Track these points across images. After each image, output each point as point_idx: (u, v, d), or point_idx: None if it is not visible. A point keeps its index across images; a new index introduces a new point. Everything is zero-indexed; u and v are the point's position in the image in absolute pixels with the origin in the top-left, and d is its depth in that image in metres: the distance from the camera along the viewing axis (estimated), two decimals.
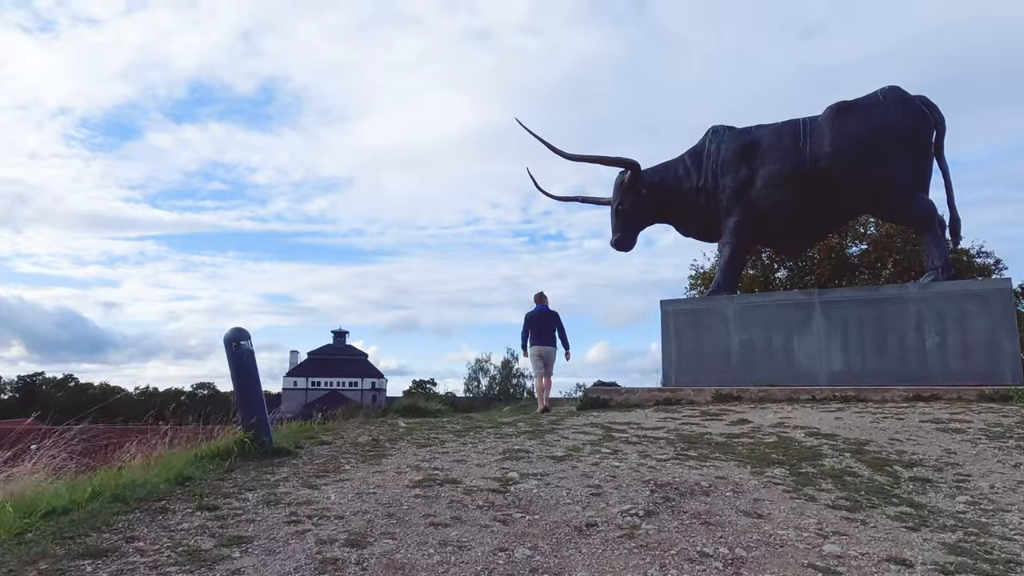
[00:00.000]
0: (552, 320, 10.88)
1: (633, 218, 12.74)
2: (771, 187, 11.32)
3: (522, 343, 11.01)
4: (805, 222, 11.58)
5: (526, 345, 10.88)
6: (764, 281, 17.61)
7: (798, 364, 10.32)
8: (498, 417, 8.32)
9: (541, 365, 10.71)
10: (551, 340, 10.76)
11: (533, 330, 10.81)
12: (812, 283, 16.54)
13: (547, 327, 10.79)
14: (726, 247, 11.87)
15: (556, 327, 10.87)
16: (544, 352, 10.71)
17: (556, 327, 10.87)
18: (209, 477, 3.81)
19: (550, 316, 10.91)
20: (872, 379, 9.75)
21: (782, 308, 10.66)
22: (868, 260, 16.86)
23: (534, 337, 10.76)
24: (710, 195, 12.06)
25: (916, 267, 16.46)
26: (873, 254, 16.68)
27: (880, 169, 10.45)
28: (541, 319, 10.85)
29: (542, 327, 10.77)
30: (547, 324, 10.81)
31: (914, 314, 9.74)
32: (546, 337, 10.74)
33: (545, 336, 10.74)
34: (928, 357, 9.55)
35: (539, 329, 10.77)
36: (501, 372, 72.40)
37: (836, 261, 16.88)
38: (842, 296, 10.37)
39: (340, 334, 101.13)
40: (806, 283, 16.78)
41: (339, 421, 6.71)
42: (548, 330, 10.77)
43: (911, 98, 10.65)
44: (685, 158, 12.64)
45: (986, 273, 18.16)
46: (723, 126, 12.51)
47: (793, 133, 11.34)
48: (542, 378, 10.77)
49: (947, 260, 10.14)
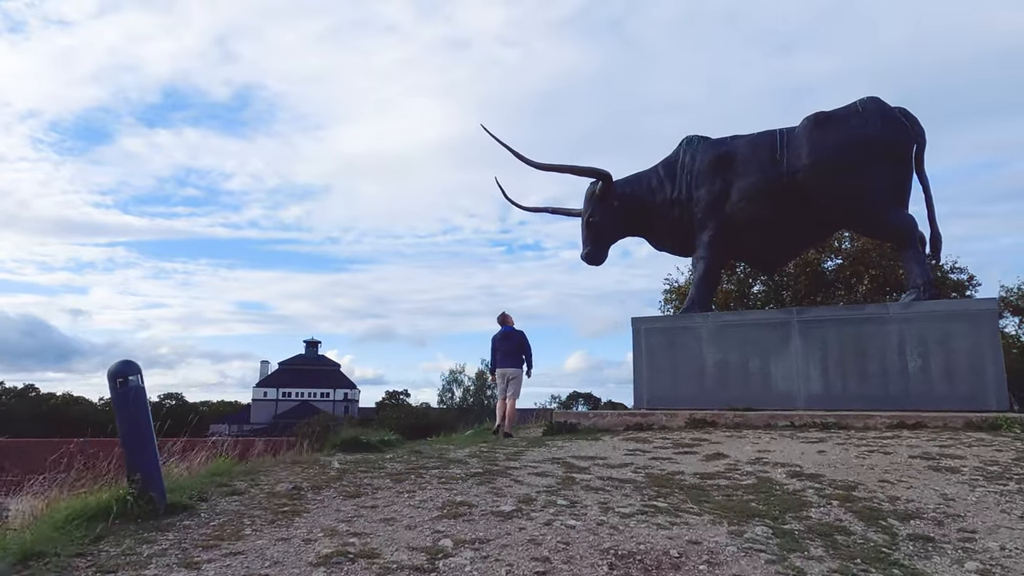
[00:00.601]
0: (515, 341, 10.53)
1: (604, 231, 12.19)
2: (747, 200, 10.85)
3: (490, 367, 10.84)
4: (782, 237, 11.11)
5: (494, 369, 10.65)
6: (740, 295, 17.18)
7: (775, 386, 9.79)
8: (454, 447, 7.62)
9: (504, 387, 10.40)
10: (514, 362, 10.44)
11: (499, 352, 10.56)
12: (788, 298, 16.15)
13: (511, 348, 10.49)
14: (700, 262, 11.35)
15: (520, 348, 10.50)
16: (506, 374, 10.40)
17: (520, 348, 10.50)
18: (65, 552, 3.07)
19: (514, 337, 10.57)
20: (852, 403, 9.26)
21: (758, 327, 10.14)
22: (844, 275, 16.51)
23: (499, 359, 10.54)
24: (684, 208, 11.55)
25: (892, 283, 16.16)
26: (849, 269, 16.33)
27: (859, 182, 10.02)
28: (504, 341, 10.58)
29: (506, 349, 10.50)
30: (511, 345, 10.50)
31: (896, 335, 9.27)
32: (509, 359, 10.45)
33: (508, 358, 10.45)
34: (910, 380, 9.08)
35: (503, 351, 10.51)
36: (475, 383, 71.39)
37: (812, 276, 16.51)
38: (821, 315, 9.88)
39: (312, 344, 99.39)
40: (782, 299, 16.40)
41: (268, 459, 5.97)
42: (511, 352, 10.47)
43: (891, 109, 10.24)
44: (659, 169, 12.14)
45: (960, 289, 17.94)
46: (698, 136, 12.03)
47: (770, 144, 10.89)
48: (505, 401, 10.37)
49: (929, 278, 9.71)
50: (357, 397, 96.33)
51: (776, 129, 11.08)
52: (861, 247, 16.22)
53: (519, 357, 10.47)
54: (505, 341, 10.56)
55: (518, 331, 10.70)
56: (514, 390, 10.35)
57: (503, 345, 10.56)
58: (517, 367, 10.41)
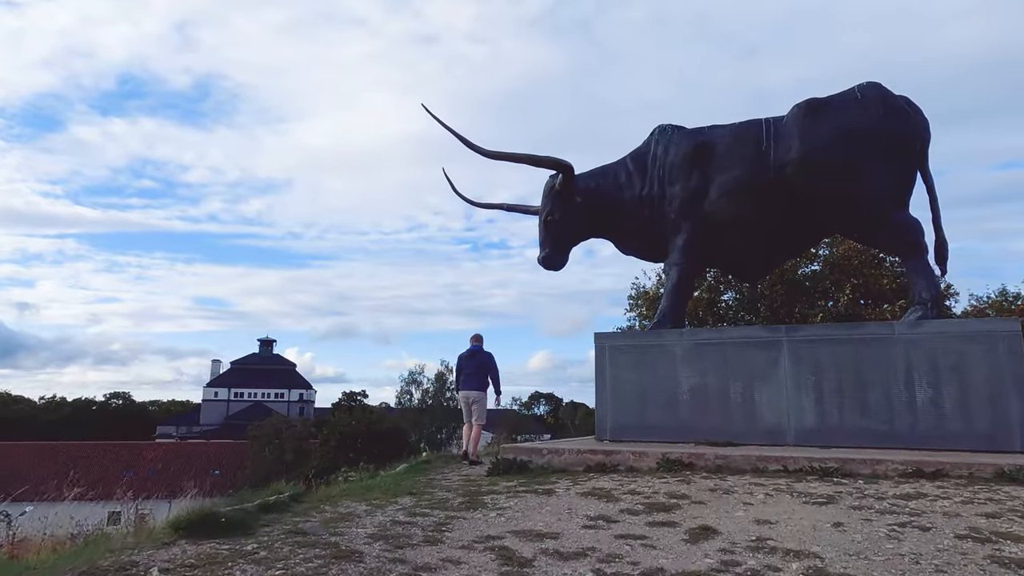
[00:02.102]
0: (482, 362, 9.97)
1: (565, 231, 10.63)
2: (728, 198, 9.41)
3: (455, 387, 10.34)
4: (767, 241, 9.70)
5: (457, 389, 10.17)
6: (710, 303, 15.79)
7: (761, 417, 8.35)
8: (364, 506, 5.94)
9: (467, 411, 9.92)
10: (477, 384, 9.91)
11: (463, 373, 10.08)
12: (763, 309, 14.83)
13: (475, 369, 9.96)
14: (674, 269, 9.87)
15: (485, 368, 9.94)
16: (469, 397, 9.89)
17: (485, 368, 9.94)
18: None
19: (481, 358, 10.01)
20: (851, 439, 7.88)
21: (742, 346, 8.68)
22: (823, 284, 15.25)
23: (462, 380, 10.06)
24: (656, 206, 10.07)
25: (875, 293, 14.99)
26: (829, 277, 15.08)
27: (857, 180, 8.65)
28: (469, 360, 10.04)
29: (470, 369, 9.99)
30: (475, 366, 9.97)
31: (902, 359, 7.90)
32: (473, 380, 9.93)
33: (472, 379, 9.94)
34: (919, 414, 7.71)
35: (467, 371, 10.01)
36: (435, 385, 69.37)
37: (789, 285, 15.23)
38: (815, 334, 8.46)
39: (267, 342, 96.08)
40: (757, 310, 15.05)
41: (46, 557, 4.20)
42: (476, 373, 9.93)
43: (894, 97, 8.89)
44: (627, 162, 10.63)
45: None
46: (671, 125, 10.56)
47: (754, 135, 9.47)
48: (471, 426, 9.94)
49: (938, 292, 8.38)
50: (313, 398, 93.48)
51: (762, 118, 9.67)
52: (842, 253, 15.02)
53: (483, 379, 9.92)
54: (470, 361, 10.05)
55: (485, 352, 10.11)
56: (478, 414, 9.84)
57: (468, 365, 10.04)
58: (481, 390, 9.90)
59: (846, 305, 14.17)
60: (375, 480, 8.31)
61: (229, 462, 63.76)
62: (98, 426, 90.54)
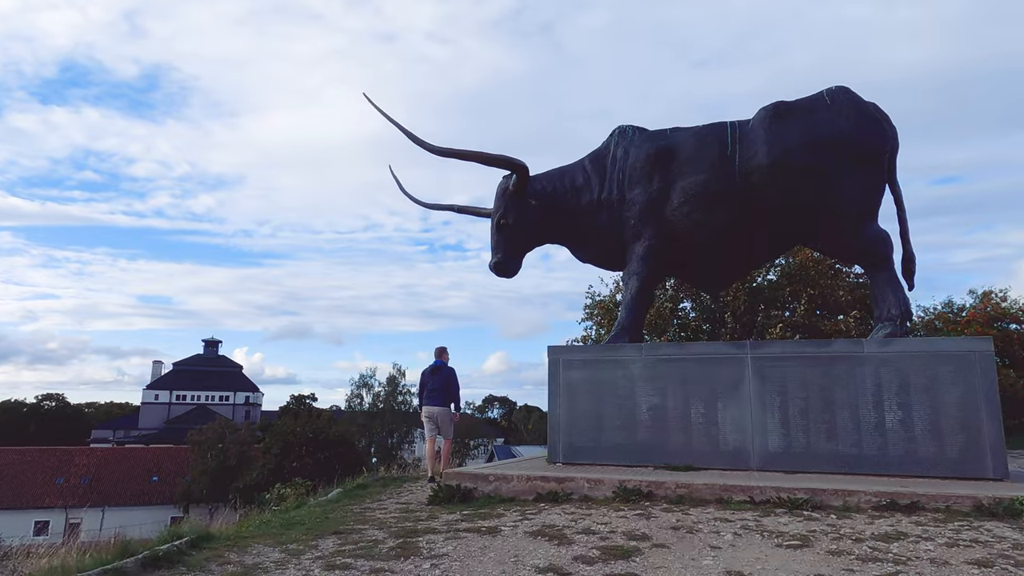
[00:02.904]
0: (445, 377, 9.87)
1: (518, 236, 9.93)
2: (691, 204, 8.87)
3: (418, 402, 10.06)
4: (731, 250, 9.18)
5: (421, 405, 9.91)
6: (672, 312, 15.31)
7: (724, 439, 7.80)
8: (277, 553, 5.11)
9: (432, 427, 9.81)
10: (441, 399, 9.77)
11: (426, 388, 9.92)
12: (728, 318, 14.40)
13: (439, 384, 9.83)
14: (633, 278, 9.27)
15: (447, 384, 9.84)
16: (433, 413, 9.75)
17: (447, 384, 9.84)
18: None
19: (444, 373, 9.90)
20: (817, 464, 7.39)
21: (704, 363, 8.13)
22: (781, 294, 14.93)
23: (426, 396, 9.88)
24: (615, 211, 9.47)
25: (831, 305, 14.76)
26: (787, 287, 14.76)
27: (827, 189, 8.21)
28: (433, 376, 9.90)
29: (433, 385, 9.86)
30: (439, 381, 9.84)
31: (871, 379, 7.45)
32: (436, 396, 9.79)
33: (435, 395, 9.79)
34: (889, 438, 7.27)
35: (431, 387, 9.87)
36: (387, 389, 67.92)
37: (750, 294, 14.85)
38: (781, 351, 7.95)
39: (212, 343, 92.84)
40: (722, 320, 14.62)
41: None
42: (439, 388, 9.81)
43: (865, 104, 8.49)
44: (585, 164, 10.00)
45: None
46: (632, 126, 9.98)
47: (719, 139, 8.95)
48: (433, 442, 9.94)
49: (907, 308, 7.97)
50: (260, 400, 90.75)
51: (726, 121, 9.16)
52: (799, 263, 14.74)
53: (446, 394, 9.82)
54: (434, 376, 9.92)
55: (448, 367, 10.01)
56: (445, 430, 9.86)
57: (431, 380, 9.91)
58: (444, 405, 9.81)
59: (803, 315, 13.89)
60: (300, 511, 7.43)
61: (169, 468, 61.16)
62: (29, 430, 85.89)
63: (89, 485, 58.01)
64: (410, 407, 67.83)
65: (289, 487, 14.81)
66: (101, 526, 55.39)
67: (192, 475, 56.32)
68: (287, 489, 14.74)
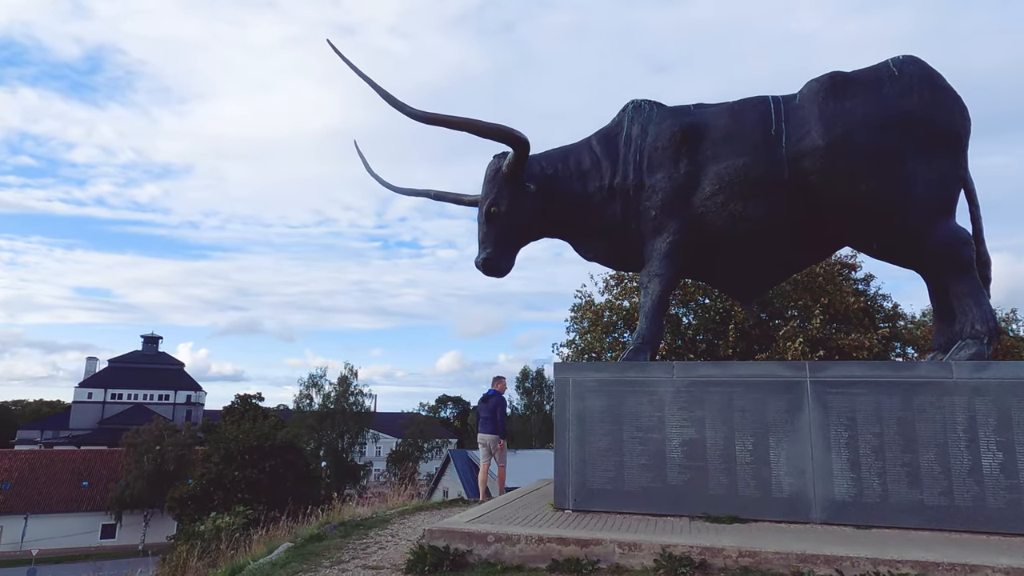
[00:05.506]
0: (492, 405, 10.42)
1: (512, 227, 8.22)
2: (725, 193, 7.34)
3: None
4: (769, 250, 7.68)
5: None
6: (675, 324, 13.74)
7: (778, 484, 6.27)
8: None
9: (486, 453, 10.46)
10: (491, 428, 10.36)
11: (480, 417, 10.64)
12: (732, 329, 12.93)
13: (488, 414, 10.43)
14: (655, 280, 7.67)
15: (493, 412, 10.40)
16: (485, 440, 10.44)
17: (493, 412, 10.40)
18: None
19: (493, 402, 10.46)
20: (896, 516, 5.91)
21: (752, 388, 6.57)
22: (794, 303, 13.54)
23: (480, 424, 10.59)
24: (630, 200, 7.87)
25: (843, 315, 13.49)
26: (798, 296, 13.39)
27: (896, 179, 6.76)
28: (484, 404, 10.57)
29: (484, 414, 10.50)
30: (488, 410, 10.43)
31: (963, 412, 6.01)
32: (486, 424, 10.44)
33: (485, 424, 10.45)
34: (987, 484, 5.83)
35: (482, 416, 10.57)
36: (338, 389, 65.17)
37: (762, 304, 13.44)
38: (849, 375, 6.43)
39: (152, 339, 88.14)
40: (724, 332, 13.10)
41: None
42: (489, 418, 10.42)
43: (940, 77, 7.06)
44: (593, 143, 8.39)
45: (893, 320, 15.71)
46: (648, 101, 8.42)
47: (760, 116, 7.45)
48: (487, 467, 10.57)
49: (995, 324, 6.56)
50: (202, 400, 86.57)
51: (768, 95, 7.66)
52: (809, 270, 13.42)
53: (494, 422, 10.31)
54: (483, 405, 10.58)
55: (498, 395, 10.50)
56: (499, 457, 10.41)
57: (481, 409, 10.58)
58: (494, 433, 10.33)
59: (819, 328, 12.51)
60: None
61: (101, 472, 57.28)
62: None
63: (11, 490, 53.79)
64: (361, 408, 65.26)
65: (228, 516, 12.81)
66: (23, 535, 51.41)
67: (126, 479, 52.80)
68: (224, 518, 12.74)
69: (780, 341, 12.23)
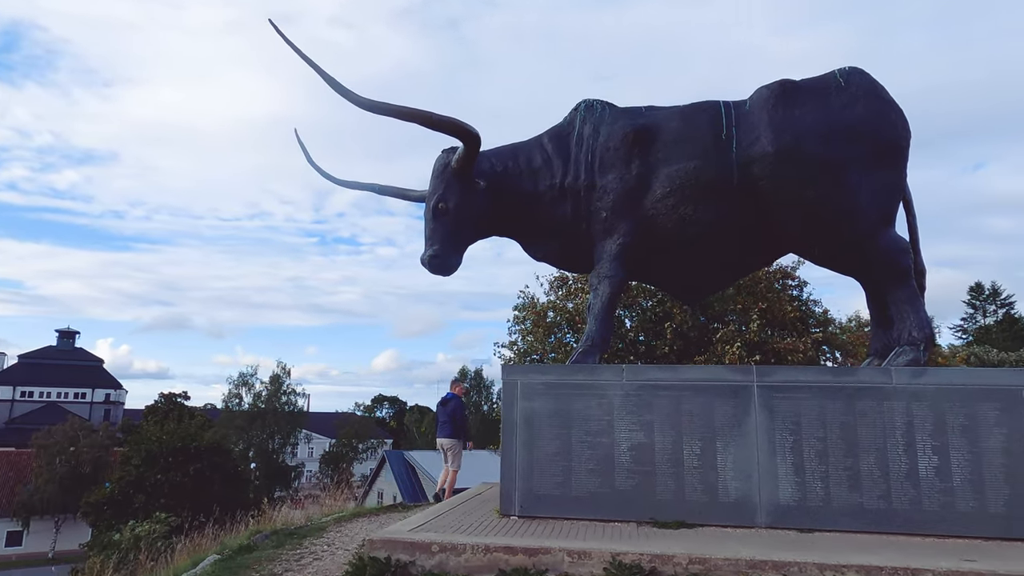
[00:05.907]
0: (451, 409, 10.52)
1: (460, 224, 7.99)
2: (676, 196, 7.33)
3: None
4: (717, 254, 7.71)
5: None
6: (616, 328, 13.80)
7: (725, 488, 6.27)
8: None
9: (444, 456, 10.57)
10: (449, 431, 10.47)
11: (438, 421, 10.77)
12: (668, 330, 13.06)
13: (447, 418, 10.54)
14: (605, 282, 7.59)
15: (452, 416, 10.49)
16: (442, 444, 10.56)
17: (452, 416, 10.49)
18: None
19: (451, 405, 10.56)
20: (838, 520, 6.01)
21: (700, 392, 6.56)
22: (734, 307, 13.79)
23: (437, 427, 10.74)
24: (581, 201, 7.78)
25: (779, 321, 13.84)
26: (739, 300, 13.66)
27: (839, 188, 6.89)
28: (441, 408, 10.72)
29: (442, 418, 10.65)
30: (447, 414, 10.54)
31: (902, 416, 6.15)
32: (444, 428, 10.57)
33: (443, 427, 10.58)
34: (923, 488, 5.98)
35: (440, 419, 10.72)
36: (269, 388, 63.11)
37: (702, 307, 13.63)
38: (794, 379, 6.50)
39: (68, 334, 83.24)
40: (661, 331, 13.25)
41: None
42: (447, 421, 10.54)
43: (883, 89, 7.25)
44: (544, 141, 8.24)
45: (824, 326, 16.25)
46: (600, 101, 8.34)
47: (711, 120, 7.46)
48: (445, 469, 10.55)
49: (930, 332, 6.75)
50: (122, 398, 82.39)
51: (719, 100, 7.69)
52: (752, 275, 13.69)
53: (452, 426, 10.41)
54: (441, 408, 10.71)
55: (456, 399, 10.62)
56: (452, 460, 10.39)
57: (440, 413, 10.72)
58: (452, 437, 10.42)
59: (755, 332, 12.82)
60: None
61: (8, 475, 53.61)
62: None
63: None
64: (294, 407, 63.36)
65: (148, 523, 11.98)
66: None
67: (35, 483, 49.58)
68: (144, 526, 11.88)
69: (718, 344, 12.49)
